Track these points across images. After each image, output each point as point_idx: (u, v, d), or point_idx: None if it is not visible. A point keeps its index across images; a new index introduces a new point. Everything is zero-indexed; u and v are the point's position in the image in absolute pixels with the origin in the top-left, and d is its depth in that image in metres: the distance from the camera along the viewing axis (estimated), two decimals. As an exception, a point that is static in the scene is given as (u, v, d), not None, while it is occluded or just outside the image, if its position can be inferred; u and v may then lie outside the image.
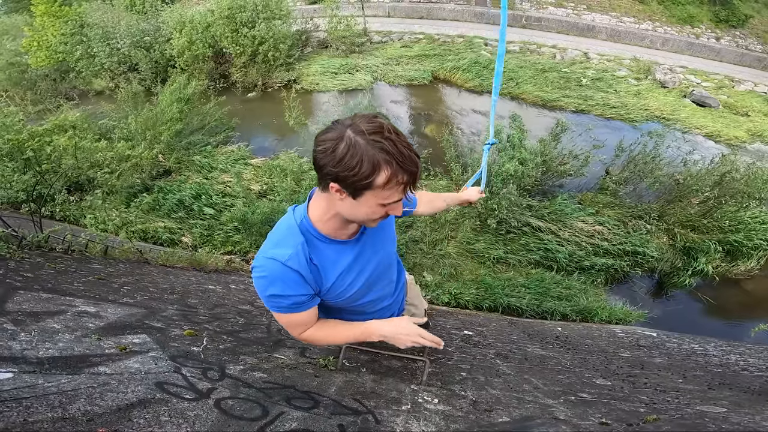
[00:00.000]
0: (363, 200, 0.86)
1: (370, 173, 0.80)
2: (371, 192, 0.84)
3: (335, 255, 1.04)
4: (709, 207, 5.76)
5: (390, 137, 0.80)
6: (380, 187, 0.82)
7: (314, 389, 1.24)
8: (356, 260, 1.08)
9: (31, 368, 0.95)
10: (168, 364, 1.15)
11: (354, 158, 0.79)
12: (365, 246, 1.09)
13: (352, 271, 1.08)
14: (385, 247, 1.17)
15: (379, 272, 1.19)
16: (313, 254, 1.01)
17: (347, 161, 0.79)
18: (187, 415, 0.87)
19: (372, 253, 1.11)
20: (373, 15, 15.35)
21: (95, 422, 0.76)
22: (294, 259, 0.95)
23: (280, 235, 1.00)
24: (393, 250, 1.26)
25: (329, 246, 1.02)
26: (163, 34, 11.71)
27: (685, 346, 2.84)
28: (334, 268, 1.04)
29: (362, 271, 1.11)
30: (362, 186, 0.82)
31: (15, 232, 2.59)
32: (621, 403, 1.38)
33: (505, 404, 1.38)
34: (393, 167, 0.80)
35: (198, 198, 6.77)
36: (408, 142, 0.84)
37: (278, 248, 0.96)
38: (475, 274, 5.44)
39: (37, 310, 1.41)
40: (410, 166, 0.82)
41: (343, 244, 1.04)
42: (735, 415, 1.19)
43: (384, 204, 0.86)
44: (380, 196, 0.85)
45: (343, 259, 1.05)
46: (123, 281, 2.37)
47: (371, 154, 0.79)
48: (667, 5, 15.03)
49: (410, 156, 0.81)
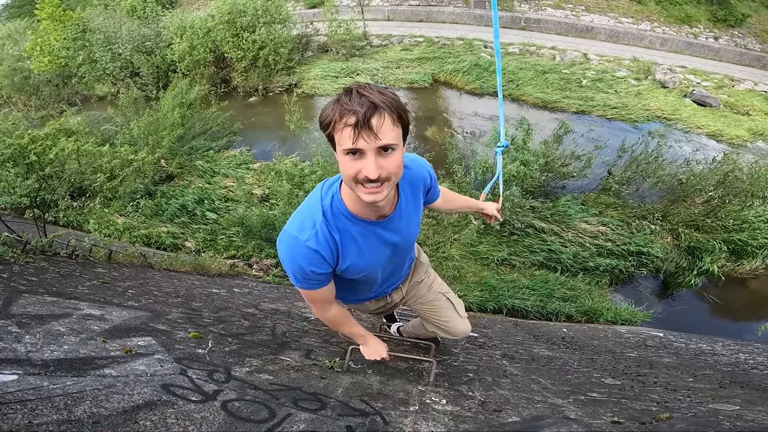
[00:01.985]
0: (338, 153, 0.90)
1: (326, 119, 0.87)
2: (336, 140, 0.88)
3: (359, 236, 1.05)
4: (713, 206, 5.73)
5: (354, 87, 0.85)
6: (336, 132, 0.87)
7: (321, 391, 1.23)
8: (380, 243, 1.10)
9: (36, 370, 0.94)
10: (174, 366, 1.14)
11: (326, 108, 0.88)
12: (391, 230, 1.10)
13: (373, 253, 1.10)
14: (410, 235, 1.20)
15: (398, 257, 1.25)
16: (336, 232, 1.03)
17: (323, 112, 0.89)
18: (194, 417, 0.86)
19: (397, 237, 1.13)
20: (373, 19, 15.43)
21: (101, 424, 0.75)
22: (313, 239, 1.00)
23: (304, 213, 1.04)
24: (414, 238, 1.28)
25: (356, 225, 1.04)
26: (164, 39, 11.78)
27: (692, 346, 2.82)
28: (356, 248, 1.06)
29: (382, 254, 1.14)
30: (328, 135, 0.89)
31: (19, 237, 2.60)
32: (632, 402, 1.36)
33: (514, 404, 1.36)
34: (338, 109, 0.84)
35: (200, 203, 6.78)
36: (373, 91, 0.85)
37: (300, 227, 1.01)
38: (478, 276, 5.41)
39: (41, 313, 1.41)
40: (352, 103, 0.82)
41: (370, 226, 1.05)
42: (749, 412, 1.17)
43: (346, 151, 0.86)
44: (340, 143, 0.87)
45: (367, 241, 1.07)
46: (127, 285, 2.37)
47: (335, 103, 0.86)
48: (664, 5, 15.06)
49: (358, 100, 0.83)
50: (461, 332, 1.59)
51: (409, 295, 1.55)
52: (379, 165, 0.86)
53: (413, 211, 1.16)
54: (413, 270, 1.54)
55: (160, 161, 7.42)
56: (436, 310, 1.55)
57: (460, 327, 1.57)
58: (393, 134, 0.86)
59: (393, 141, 0.86)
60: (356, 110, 0.81)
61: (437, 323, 1.58)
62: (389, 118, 0.84)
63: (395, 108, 0.86)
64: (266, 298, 3.11)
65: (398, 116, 0.87)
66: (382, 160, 0.86)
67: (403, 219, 1.12)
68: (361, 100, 0.82)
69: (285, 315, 2.51)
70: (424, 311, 1.58)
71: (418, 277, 1.54)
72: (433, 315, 1.56)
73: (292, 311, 2.69)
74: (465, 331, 1.59)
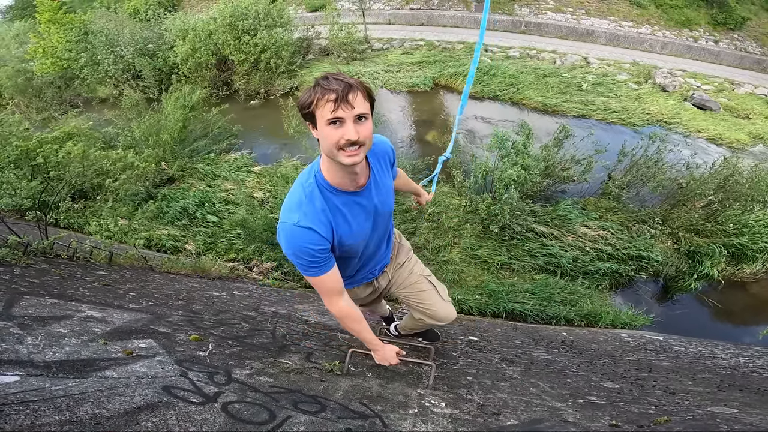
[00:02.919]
0: (320, 127, 1.07)
1: (307, 99, 1.06)
2: (317, 116, 1.06)
3: (343, 206, 1.19)
4: (713, 210, 5.73)
5: (328, 74, 1.05)
6: (318, 108, 1.04)
7: (320, 393, 1.24)
8: (361, 211, 1.24)
9: (38, 372, 0.95)
10: (175, 369, 1.14)
11: (304, 93, 1.07)
12: (370, 197, 1.25)
13: (357, 222, 1.23)
14: (387, 201, 1.34)
15: (380, 225, 1.36)
16: (323, 205, 1.16)
17: (301, 97, 1.08)
18: (195, 418, 0.87)
19: (375, 204, 1.28)
20: (374, 22, 15.50)
21: (103, 425, 0.75)
22: (303, 218, 1.13)
23: (290, 200, 1.17)
24: (391, 206, 1.42)
25: (338, 197, 1.18)
26: (166, 41, 11.82)
27: (692, 350, 2.81)
28: (342, 218, 1.19)
29: (367, 220, 1.27)
30: (309, 113, 1.07)
31: (20, 239, 2.61)
32: (630, 406, 1.37)
33: (512, 407, 1.36)
34: (318, 88, 1.04)
35: (201, 205, 6.79)
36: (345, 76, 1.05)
37: (289, 213, 1.15)
38: (478, 280, 5.41)
39: (43, 315, 1.41)
40: (334, 84, 1.02)
41: (351, 195, 1.20)
42: (747, 415, 1.17)
43: (329, 121, 1.03)
44: (322, 117, 1.04)
45: (350, 210, 1.21)
46: (128, 287, 2.37)
47: (312, 87, 1.06)
48: (664, 9, 15.14)
49: (335, 81, 1.02)
50: (445, 316, 1.63)
51: (393, 280, 1.63)
52: (357, 130, 1.04)
53: (385, 180, 1.32)
54: (396, 253, 1.65)
55: (160, 164, 7.45)
56: (418, 293, 1.61)
57: (443, 311, 1.62)
58: (365, 106, 1.07)
59: (366, 111, 1.07)
60: (335, 88, 1.01)
61: (421, 308, 1.63)
62: (361, 94, 1.05)
63: (364, 87, 1.08)
64: (266, 301, 3.11)
65: (367, 93, 1.09)
66: (358, 127, 1.05)
67: (378, 187, 1.27)
68: (338, 81, 1.02)
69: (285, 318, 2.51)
70: (407, 296, 1.64)
71: (401, 259, 1.65)
72: (416, 299, 1.62)
73: (292, 314, 2.69)
74: (449, 316, 1.64)
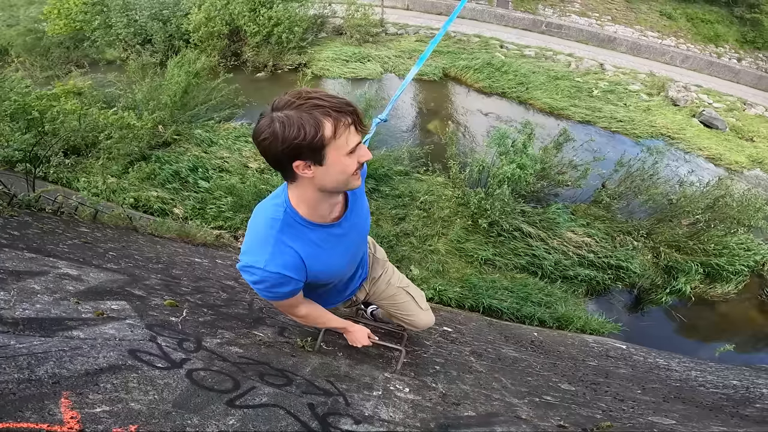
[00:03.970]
0: (329, 160, 0.86)
1: (316, 130, 0.81)
2: (330, 148, 0.84)
3: (320, 241, 1.05)
4: (698, 229, 5.83)
5: (311, 95, 0.82)
6: (334, 138, 0.83)
7: (289, 368, 1.26)
8: (341, 243, 1.11)
9: (5, 329, 0.94)
10: (144, 333, 1.16)
11: (293, 127, 0.80)
12: (349, 228, 1.11)
13: (335, 256, 1.11)
14: (365, 227, 1.23)
15: (358, 249, 1.27)
16: (296, 242, 1.00)
17: (290, 134, 0.80)
18: (157, 383, 0.88)
19: (355, 233, 1.15)
20: (392, 6, 15.11)
21: (60, 385, 0.76)
22: (271, 263, 0.96)
23: (254, 237, 0.99)
24: (366, 232, 1.29)
25: (314, 231, 1.03)
26: (181, 8, 11.61)
27: (650, 360, 2.92)
28: (319, 254, 1.06)
29: (345, 253, 1.16)
30: (317, 146, 0.83)
31: (7, 190, 2.58)
32: (581, 408, 1.43)
33: (472, 399, 1.41)
34: (332, 115, 0.82)
35: (194, 170, 6.72)
36: (326, 93, 0.85)
37: (253, 254, 0.97)
38: (461, 273, 5.49)
39: (19, 270, 1.41)
40: (346, 107, 0.84)
41: (327, 229, 1.05)
42: (682, 427, 1.24)
43: (349, 152, 0.87)
44: (340, 147, 0.85)
45: (327, 244, 1.06)
46: (109, 246, 2.37)
47: (306, 116, 0.81)
48: (695, 23, 14.91)
49: (340, 100, 0.84)
50: (425, 324, 1.64)
51: (371, 292, 1.58)
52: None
53: (361, 202, 1.17)
54: (371, 265, 1.55)
55: (157, 127, 7.31)
56: (397, 305, 1.59)
57: (422, 320, 1.62)
58: None
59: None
60: (351, 110, 0.84)
61: (400, 317, 1.63)
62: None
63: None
64: (249, 274, 3.12)
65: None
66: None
67: (355, 212, 1.12)
68: (336, 99, 0.83)
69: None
70: (387, 306, 1.62)
71: (376, 273, 1.56)
72: (395, 309, 1.61)
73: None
74: (428, 323, 1.65)
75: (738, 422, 1.53)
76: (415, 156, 7.34)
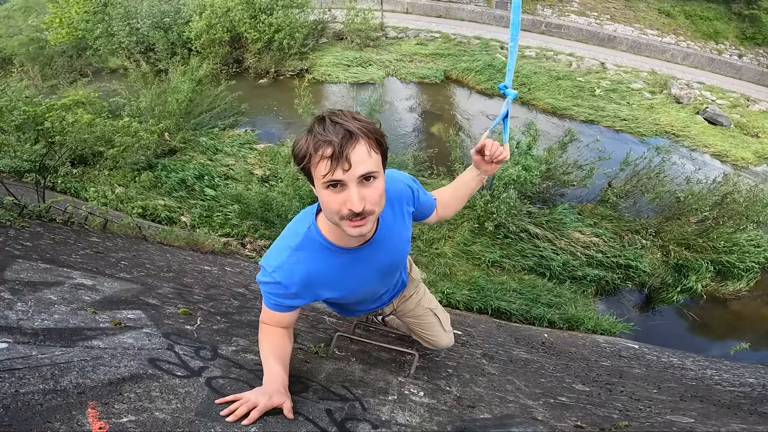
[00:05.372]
0: (317, 186, 0.85)
1: (300, 152, 0.82)
2: (314, 174, 0.83)
3: (342, 266, 1.01)
4: (707, 227, 5.78)
5: (323, 118, 0.81)
6: (313, 165, 0.81)
7: (304, 374, 1.26)
8: (365, 269, 1.05)
9: (25, 339, 0.95)
10: (161, 341, 1.17)
11: (296, 143, 0.84)
12: (377, 251, 1.04)
13: (357, 281, 1.07)
14: (398, 253, 1.13)
15: (388, 277, 1.20)
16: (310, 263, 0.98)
17: (293, 148, 0.85)
18: (178, 391, 0.89)
19: (384, 259, 1.08)
20: (391, 10, 15.26)
21: (86, 395, 0.76)
22: (278, 272, 0.97)
23: (278, 243, 1.01)
24: (405, 256, 1.21)
25: (335, 255, 0.99)
26: (182, 16, 11.74)
27: (664, 359, 2.89)
28: (340, 279, 1.03)
29: (369, 279, 1.11)
30: (304, 168, 0.84)
31: (17, 201, 2.61)
32: (597, 409, 1.42)
33: (487, 402, 1.41)
34: (310, 138, 0.80)
35: (200, 178, 6.78)
36: (347, 117, 0.81)
37: (270, 258, 0.99)
38: (468, 275, 5.47)
39: (34, 280, 1.42)
40: (327, 136, 0.77)
41: (352, 252, 1.00)
42: (701, 425, 1.22)
43: (326, 184, 0.81)
44: (317, 177, 0.82)
45: (350, 269, 1.03)
46: (120, 256, 2.39)
47: (301, 138, 0.82)
48: (693, 20, 14.89)
49: (332, 129, 0.78)
50: (444, 345, 1.63)
51: (398, 309, 1.58)
52: (362, 196, 0.80)
53: (399, 228, 1.08)
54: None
55: (163, 135, 7.40)
56: (422, 325, 1.58)
57: (443, 341, 1.61)
58: (372, 162, 0.81)
59: (373, 168, 0.81)
60: (332, 140, 0.77)
61: (422, 336, 1.62)
62: (366, 145, 0.80)
63: (372, 133, 0.81)
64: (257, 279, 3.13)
65: (376, 142, 0.82)
66: (364, 190, 0.81)
67: (388, 237, 1.05)
68: (336, 128, 0.78)
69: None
70: (410, 323, 1.62)
71: (408, 292, 1.54)
72: (419, 329, 1.60)
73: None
74: (448, 345, 1.64)
75: (757, 419, 1.51)
76: (420, 160, 7.36)
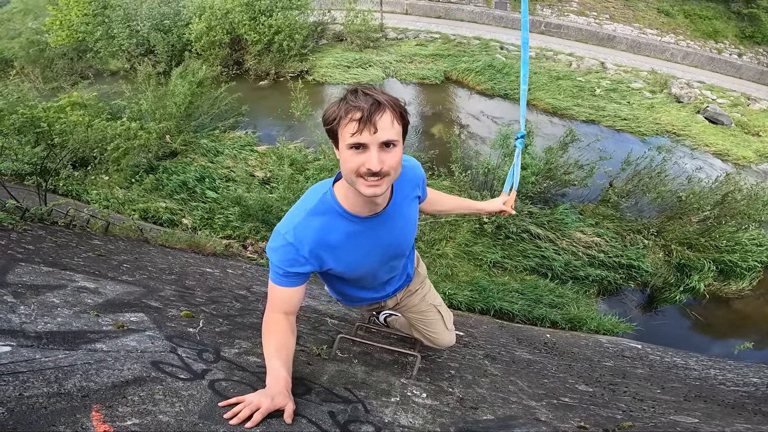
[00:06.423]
0: (341, 148, 0.94)
1: (330, 115, 0.92)
2: (339, 135, 0.93)
3: (352, 234, 1.07)
4: (709, 226, 5.76)
5: (356, 89, 0.92)
6: (341, 127, 0.91)
7: (307, 376, 1.26)
8: (373, 240, 1.11)
9: (29, 342, 0.95)
10: (164, 344, 1.17)
11: (326, 111, 0.94)
12: (385, 225, 1.11)
13: (365, 252, 1.12)
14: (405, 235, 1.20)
15: (393, 259, 1.24)
16: (321, 230, 1.04)
17: (325, 112, 0.95)
18: (181, 394, 0.89)
19: (391, 236, 1.14)
20: (391, 11, 15.29)
21: (90, 398, 0.76)
22: (292, 232, 1.03)
23: (295, 207, 1.08)
24: (411, 240, 1.29)
25: (348, 222, 1.05)
26: (182, 18, 11.77)
27: (667, 359, 2.88)
28: (348, 246, 1.08)
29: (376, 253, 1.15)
30: (332, 129, 0.94)
31: (19, 204, 2.62)
32: (600, 409, 1.42)
33: (490, 403, 1.40)
34: (342, 104, 0.91)
35: (201, 181, 6.79)
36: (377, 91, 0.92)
37: (285, 221, 1.06)
38: (470, 276, 5.46)
39: (37, 284, 1.42)
40: (358, 100, 0.88)
41: (363, 221, 1.07)
42: (706, 425, 1.22)
43: (350, 145, 0.90)
44: (344, 138, 0.91)
45: (359, 238, 1.09)
46: (122, 259, 2.39)
47: (333, 104, 0.93)
48: (693, 19, 14.89)
49: (363, 98, 0.89)
50: (445, 344, 1.64)
51: (402, 303, 1.58)
52: (381, 159, 0.90)
53: (408, 210, 1.18)
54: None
55: (165, 137, 7.41)
56: (425, 321, 1.59)
57: (445, 340, 1.62)
58: (394, 131, 0.91)
59: (394, 137, 0.91)
60: (362, 106, 0.87)
61: (424, 333, 1.62)
62: (391, 115, 0.90)
63: (397, 107, 0.92)
64: (259, 281, 3.15)
65: (399, 115, 0.93)
66: (383, 155, 0.90)
67: (398, 216, 1.13)
68: (366, 98, 0.88)
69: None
70: (413, 319, 1.62)
71: (413, 287, 1.56)
72: (422, 325, 1.60)
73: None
74: (449, 343, 1.64)
75: (761, 419, 1.51)
76: (421, 161, 7.32)
